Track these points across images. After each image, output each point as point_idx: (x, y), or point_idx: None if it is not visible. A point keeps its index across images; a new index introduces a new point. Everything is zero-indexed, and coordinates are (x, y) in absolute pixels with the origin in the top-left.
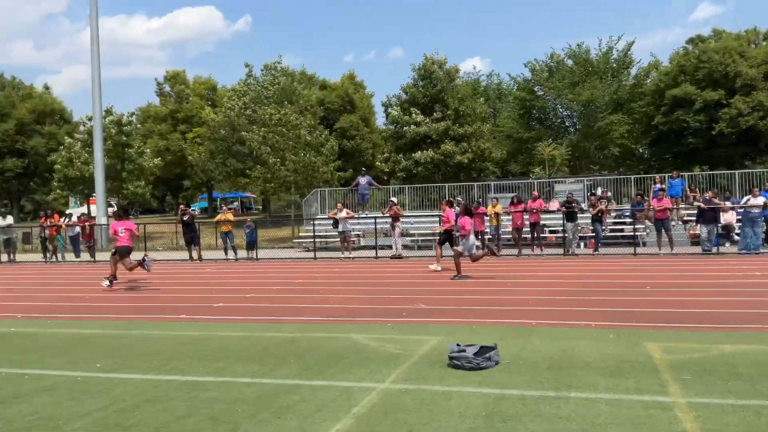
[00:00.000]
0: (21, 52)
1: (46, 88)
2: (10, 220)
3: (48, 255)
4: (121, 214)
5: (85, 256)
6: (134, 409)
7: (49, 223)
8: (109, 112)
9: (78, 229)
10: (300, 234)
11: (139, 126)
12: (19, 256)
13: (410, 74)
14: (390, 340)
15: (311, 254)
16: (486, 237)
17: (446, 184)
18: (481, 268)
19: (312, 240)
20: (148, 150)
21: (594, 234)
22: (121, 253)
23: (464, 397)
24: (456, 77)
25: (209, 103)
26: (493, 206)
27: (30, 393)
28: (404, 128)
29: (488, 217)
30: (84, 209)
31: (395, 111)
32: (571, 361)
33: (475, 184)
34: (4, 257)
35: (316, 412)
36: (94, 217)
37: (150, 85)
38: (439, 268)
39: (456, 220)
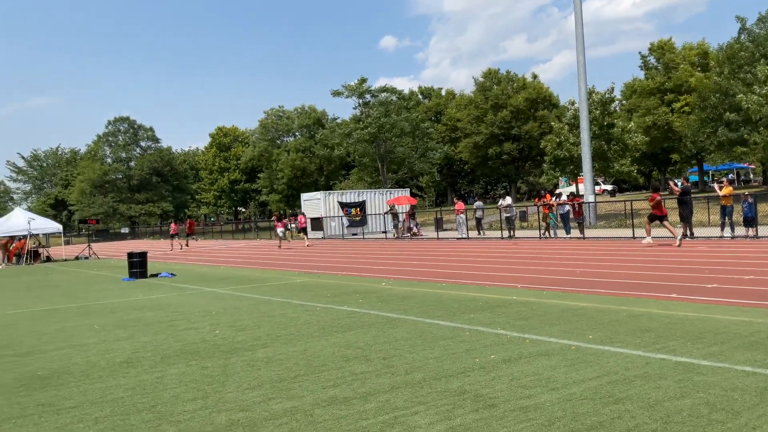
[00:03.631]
0: (516, 46)
1: (534, 76)
2: (509, 200)
3: (542, 231)
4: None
5: (575, 232)
6: (626, 383)
7: (541, 203)
8: (592, 92)
9: (568, 207)
10: None
11: (623, 102)
12: (517, 233)
13: None
14: None
15: None
16: None
17: None
18: None
19: None
20: (632, 124)
21: None
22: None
23: None
24: None
25: (699, 69)
26: None
27: (530, 355)
28: None
29: None
30: (573, 188)
31: None
32: None
33: None
34: (505, 233)
35: None
36: (582, 196)
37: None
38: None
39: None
